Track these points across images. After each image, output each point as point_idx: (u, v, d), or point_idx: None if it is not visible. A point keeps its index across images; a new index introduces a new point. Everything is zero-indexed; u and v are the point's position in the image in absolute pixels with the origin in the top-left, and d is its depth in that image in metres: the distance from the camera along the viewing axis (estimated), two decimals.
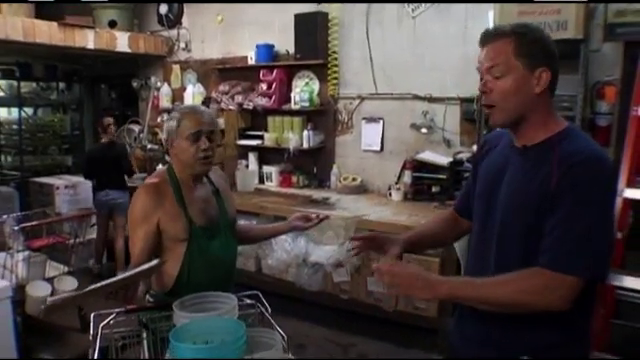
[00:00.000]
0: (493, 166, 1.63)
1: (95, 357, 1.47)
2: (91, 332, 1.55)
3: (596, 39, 3.67)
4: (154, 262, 1.74)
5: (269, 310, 1.74)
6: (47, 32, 5.10)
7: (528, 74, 1.43)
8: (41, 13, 5.14)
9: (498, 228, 1.54)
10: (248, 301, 1.78)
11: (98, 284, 1.64)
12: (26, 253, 3.72)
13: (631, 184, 2.35)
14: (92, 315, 1.63)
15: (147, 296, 1.98)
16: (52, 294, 3.71)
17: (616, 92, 3.68)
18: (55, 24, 5.15)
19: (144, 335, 1.70)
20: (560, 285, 1.36)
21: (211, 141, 1.95)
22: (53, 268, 3.94)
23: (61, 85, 8.17)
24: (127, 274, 1.68)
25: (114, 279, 1.66)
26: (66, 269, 3.99)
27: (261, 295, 1.81)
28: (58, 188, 5.55)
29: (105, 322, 1.58)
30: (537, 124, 1.49)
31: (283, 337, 1.60)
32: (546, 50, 1.45)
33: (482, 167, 1.70)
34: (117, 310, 1.65)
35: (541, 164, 1.44)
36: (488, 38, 1.49)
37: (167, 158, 5.44)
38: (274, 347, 1.55)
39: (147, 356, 1.70)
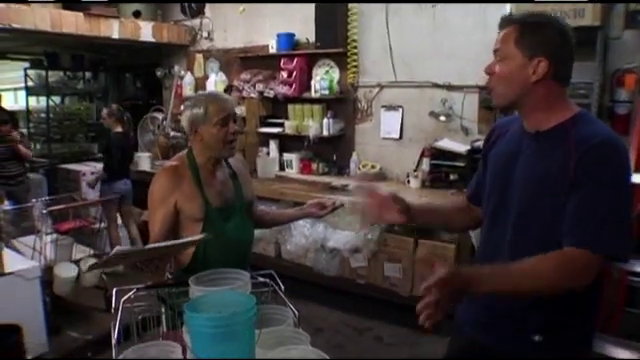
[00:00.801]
0: (504, 152, 1.66)
1: (117, 330, 1.56)
2: (113, 306, 1.64)
3: (617, 26, 3.62)
4: (198, 236, 1.82)
5: (282, 288, 1.81)
6: (74, 22, 5.23)
7: (526, 63, 1.48)
8: (68, 4, 5.27)
9: (515, 213, 1.57)
10: (262, 279, 1.85)
11: (154, 245, 1.75)
12: (54, 236, 3.87)
13: (638, 169, 2.36)
14: (114, 290, 1.73)
15: (167, 273, 2.08)
16: (78, 276, 3.87)
17: (636, 80, 3.64)
18: (81, 14, 5.28)
19: (162, 310, 1.80)
20: (588, 263, 1.40)
21: (236, 123, 2.06)
22: (79, 251, 4.09)
23: (87, 74, 8.36)
24: (175, 242, 1.76)
25: (164, 244, 1.76)
26: (91, 252, 4.14)
27: (275, 274, 1.88)
28: (84, 174, 5.71)
29: (126, 297, 1.67)
30: (541, 110, 1.53)
31: (295, 313, 1.67)
32: (548, 41, 1.48)
33: (492, 154, 1.73)
34: (137, 286, 1.74)
35: (557, 148, 1.48)
36: (501, 24, 1.57)
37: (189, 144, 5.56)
38: (285, 323, 1.63)
39: (165, 329, 1.80)
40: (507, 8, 3.40)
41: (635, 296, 2.91)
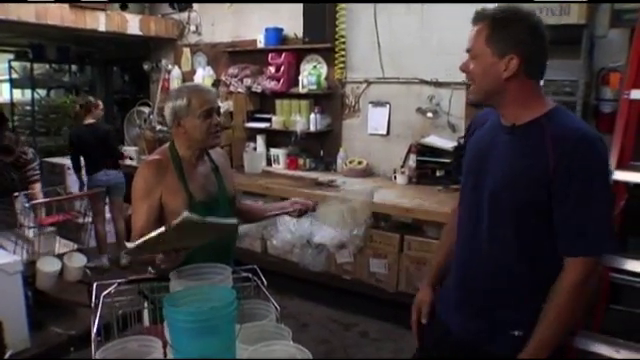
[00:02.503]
0: (480, 144, 1.68)
1: (96, 325, 1.54)
2: (92, 301, 1.62)
3: (602, 25, 3.63)
4: (230, 220, 1.73)
5: (265, 283, 1.80)
6: (59, 14, 5.16)
7: (497, 60, 1.50)
8: None
9: (489, 204, 1.59)
10: (245, 274, 1.84)
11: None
12: (37, 230, 3.83)
13: (623, 166, 2.38)
14: (95, 285, 1.71)
15: (149, 267, 2.06)
16: (62, 270, 3.83)
17: (621, 79, 3.66)
18: (67, 6, 5.20)
19: (145, 305, 1.78)
20: (595, 268, 1.50)
21: (219, 116, 2.05)
22: (63, 245, 4.05)
23: (73, 67, 8.29)
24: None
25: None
26: (76, 246, 4.10)
27: (258, 269, 1.87)
28: (69, 168, 5.65)
29: (107, 292, 1.65)
30: (515, 105, 1.54)
31: (277, 308, 1.67)
32: (518, 38, 1.48)
33: (469, 145, 1.76)
34: (119, 280, 1.72)
35: (533, 143, 1.50)
36: (473, 19, 1.56)
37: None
38: (267, 318, 1.63)
39: (147, 324, 1.78)
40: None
41: (618, 293, 2.94)
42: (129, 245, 1.51)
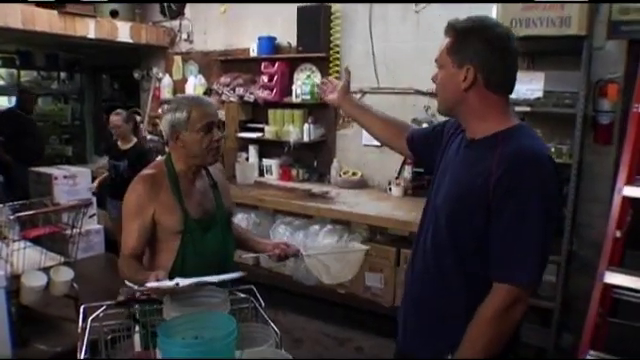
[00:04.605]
0: (447, 155, 1.67)
1: (84, 350, 1.45)
2: (80, 324, 1.52)
3: (600, 36, 3.61)
4: (236, 274, 1.68)
5: (263, 305, 1.72)
6: (47, 20, 5.05)
7: (456, 71, 1.49)
8: (42, 0, 5.09)
9: (434, 215, 1.60)
10: (242, 295, 1.76)
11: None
12: (22, 243, 3.70)
13: (630, 182, 2.32)
14: (82, 307, 1.61)
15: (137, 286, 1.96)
16: (48, 284, 3.70)
17: (618, 90, 3.63)
18: (55, 12, 5.09)
19: (136, 329, 1.68)
20: (520, 296, 1.40)
21: (220, 131, 1.96)
22: (49, 258, 3.92)
23: (62, 74, 8.16)
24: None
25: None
26: (62, 259, 3.97)
27: (255, 289, 1.78)
28: (57, 178, 5.51)
29: (95, 315, 1.55)
30: (474, 118, 1.53)
31: (277, 333, 1.58)
32: (474, 49, 1.47)
33: (442, 155, 1.71)
34: (108, 303, 1.62)
35: (482, 159, 1.46)
36: (444, 30, 1.57)
37: (167, 150, 5.42)
38: (267, 343, 1.54)
39: (138, 349, 1.68)
40: (493, 11, 3.36)
41: (620, 308, 2.88)
42: (130, 285, 1.43)
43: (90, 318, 1.53)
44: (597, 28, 3.56)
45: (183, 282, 1.43)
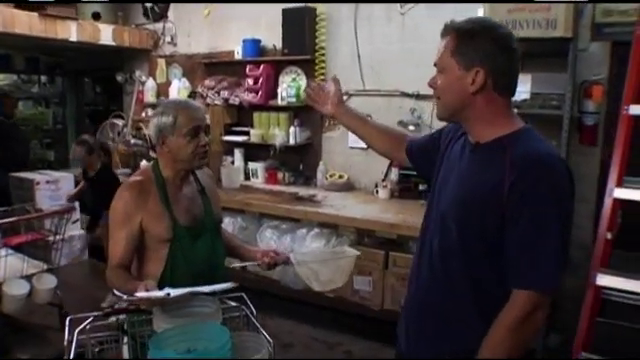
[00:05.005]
0: (450, 159, 1.63)
1: None
2: (65, 337, 1.48)
3: (584, 38, 3.65)
4: (227, 285, 1.65)
5: (254, 313, 1.69)
6: (27, 23, 4.95)
7: (463, 73, 1.44)
8: (21, 2, 4.99)
9: (440, 219, 1.55)
10: (233, 303, 1.72)
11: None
12: (3, 250, 3.62)
13: (621, 184, 2.33)
14: (67, 319, 1.56)
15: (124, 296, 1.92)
16: (31, 292, 3.62)
17: (603, 91, 3.67)
18: (36, 14, 5.00)
19: (124, 340, 1.64)
20: (541, 302, 1.37)
21: (207, 135, 1.93)
22: (32, 266, 3.84)
23: (43, 78, 8.04)
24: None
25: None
26: (45, 267, 3.89)
27: (246, 297, 1.75)
28: (39, 183, 5.40)
29: (81, 327, 1.51)
30: (481, 122, 1.48)
31: (269, 341, 1.55)
32: (483, 51, 1.42)
33: (442, 159, 1.67)
34: (94, 314, 1.58)
35: (491, 164, 1.43)
36: (441, 32, 1.52)
37: (152, 154, 5.34)
38: (260, 352, 1.51)
39: None
40: (480, 13, 3.36)
41: (609, 308, 2.89)
42: (119, 294, 1.39)
43: (77, 330, 1.49)
44: (581, 30, 3.59)
45: (174, 292, 1.39)
